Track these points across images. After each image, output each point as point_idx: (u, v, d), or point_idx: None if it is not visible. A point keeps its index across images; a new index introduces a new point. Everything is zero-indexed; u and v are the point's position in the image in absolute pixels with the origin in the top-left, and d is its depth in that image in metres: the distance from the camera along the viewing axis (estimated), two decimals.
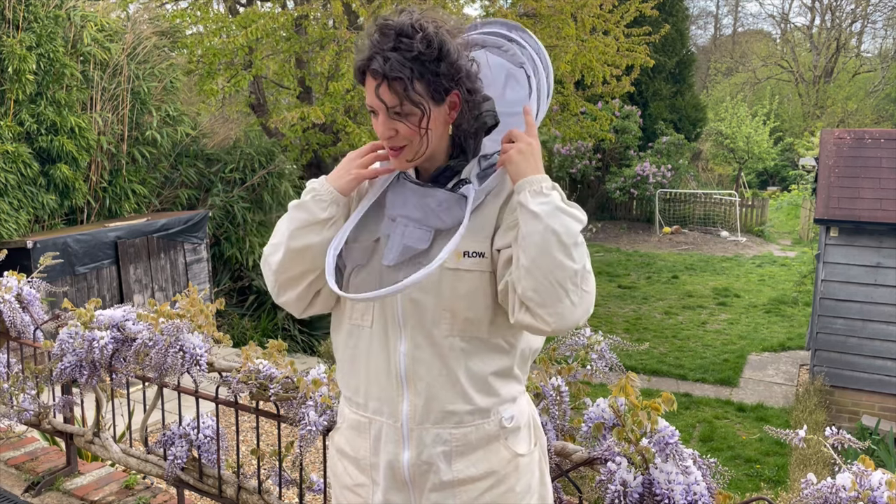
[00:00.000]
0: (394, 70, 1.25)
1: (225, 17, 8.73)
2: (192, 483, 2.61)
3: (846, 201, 6.90)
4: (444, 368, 1.38)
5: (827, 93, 28.16)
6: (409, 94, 1.26)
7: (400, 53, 1.25)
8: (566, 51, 9.16)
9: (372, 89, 1.29)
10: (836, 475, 1.49)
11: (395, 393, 1.40)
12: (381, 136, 1.33)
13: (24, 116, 6.62)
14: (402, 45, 1.25)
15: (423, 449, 1.39)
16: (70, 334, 2.68)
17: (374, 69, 1.26)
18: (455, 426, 1.39)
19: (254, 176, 8.84)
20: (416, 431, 1.39)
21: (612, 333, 2.03)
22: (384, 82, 1.26)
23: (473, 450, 1.40)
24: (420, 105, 1.28)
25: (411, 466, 1.40)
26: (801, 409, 6.69)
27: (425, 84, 1.27)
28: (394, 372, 1.39)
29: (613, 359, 1.97)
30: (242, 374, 2.28)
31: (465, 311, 1.36)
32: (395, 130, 1.31)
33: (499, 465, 1.42)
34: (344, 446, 1.50)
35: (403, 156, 1.35)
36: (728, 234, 16.88)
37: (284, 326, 8.62)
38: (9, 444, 3.56)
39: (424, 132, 1.31)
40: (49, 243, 6.09)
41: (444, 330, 1.37)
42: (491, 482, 1.42)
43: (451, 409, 1.38)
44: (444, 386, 1.38)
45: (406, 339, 1.38)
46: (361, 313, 1.42)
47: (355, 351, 1.45)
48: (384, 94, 1.27)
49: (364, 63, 1.29)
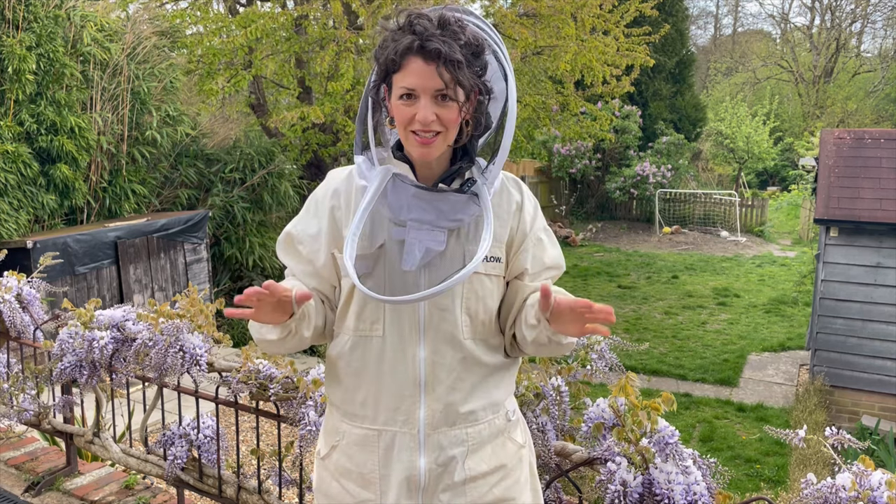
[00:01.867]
0: (453, 51, 1.26)
1: (225, 17, 8.73)
2: (192, 483, 2.61)
3: (846, 201, 6.90)
4: (463, 371, 1.39)
5: (827, 93, 28.16)
6: (461, 78, 1.27)
7: (454, 40, 1.27)
8: (566, 51, 9.16)
9: (420, 72, 1.28)
10: (836, 475, 1.49)
11: (411, 401, 1.39)
12: (422, 119, 1.29)
13: (24, 116, 6.62)
14: (452, 33, 1.28)
15: (441, 452, 1.39)
16: (70, 334, 2.68)
17: (431, 49, 1.26)
18: (471, 425, 1.41)
19: (254, 176, 8.84)
20: (434, 436, 1.39)
21: (612, 333, 2.03)
22: (440, 63, 1.26)
23: (483, 446, 1.43)
24: (468, 89, 1.30)
25: (428, 472, 1.39)
26: (801, 409, 6.69)
27: (470, 73, 1.30)
28: (411, 379, 1.38)
29: (613, 359, 1.97)
30: (242, 374, 2.28)
31: (481, 314, 1.40)
32: (436, 115, 1.30)
33: (507, 459, 1.45)
34: (346, 464, 1.45)
35: (436, 144, 1.33)
36: (728, 234, 16.88)
37: None
38: (9, 444, 3.56)
39: (463, 118, 1.33)
40: (49, 243, 6.09)
41: (464, 332, 1.39)
42: (500, 476, 1.44)
43: (468, 408, 1.40)
44: (464, 387, 1.40)
45: (426, 344, 1.38)
46: (371, 323, 1.40)
47: (363, 363, 1.42)
48: (444, 73, 1.27)
49: (415, 44, 1.27)
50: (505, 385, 1.47)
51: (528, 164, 17.74)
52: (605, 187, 17.86)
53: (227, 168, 8.81)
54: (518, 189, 1.48)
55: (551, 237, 1.52)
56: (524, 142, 11.29)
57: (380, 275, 1.37)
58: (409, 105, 1.30)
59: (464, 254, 1.36)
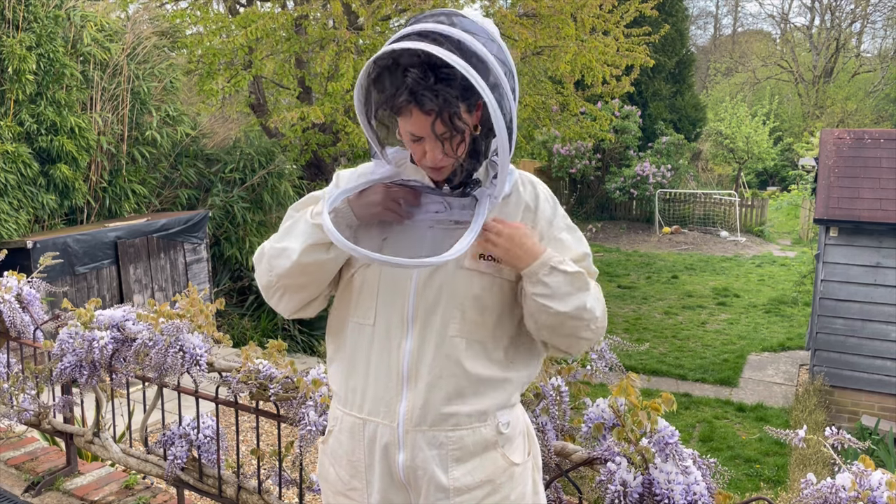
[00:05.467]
0: (448, 105, 1.26)
1: (225, 17, 8.73)
2: (192, 483, 2.61)
3: (846, 201, 6.90)
4: (446, 368, 1.39)
5: (826, 93, 28.15)
6: (456, 122, 1.29)
7: (446, 84, 1.25)
8: (566, 51, 9.16)
9: (420, 122, 1.30)
10: (835, 475, 1.49)
11: (393, 393, 1.40)
12: (433, 161, 1.34)
13: (24, 116, 6.62)
14: (445, 77, 1.25)
15: (418, 452, 1.39)
16: (70, 334, 2.68)
17: (427, 109, 1.27)
18: (452, 428, 1.39)
19: (254, 176, 8.84)
20: (412, 434, 1.39)
21: (612, 333, 2.03)
22: (435, 118, 1.28)
23: (471, 457, 1.41)
24: (465, 127, 1.32)
25: (406, 469, 1.40)
26: (801, 409, 6.69)
27: (468, 103, 1.30)
28: (395, 370, 1.40)
29: (613, 359, 1.97)
30: (242, 374, 2.28)
31: (474, 313, 1.39)
32: (444, 153, 1.33)
33: (495, 474, 1.42)
34: (337, 449, 1.49)
35: (445, 172, 1.39)
36: (728, 234, 16.88)
37: (284, 326, 8.62)
38: (9, 444, 3.56)
39: (465, 149, 1.35)
40: (49, 243, 6.09)
41: (452, 329, 1.39)
42: (487, 491, 1.42)
43: (449, 410, 1.39)
44: (445, 386, 1.38)
45: (413, 336, 1.39)
46: (365, 311, 1.43)
47: (355, 350, 1.45)
48: (438, 127, 1.29)
49: (410, 104, 1.27)
50: (496, 395, 1.42)
51: (528, 164, 17.74)
52: (604, 187, 17.85)
53: (227, 168, 8.81)
54: (532, 189, 1.48)
55: (575, 234, 1.49)
56: (524, 142, 11.29)
57: (375, 268, 1.42)
58: (419, 144, 1.34)
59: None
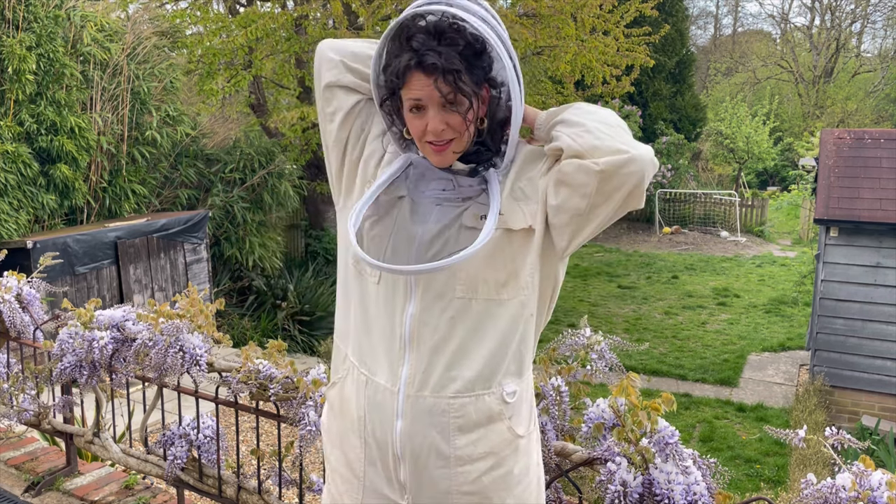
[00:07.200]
0: (451, 63, 1.27)
1: (225, 17, 8.73)
2: (192, 483, 2.61)
3: (846, 201, 6.90)
4: (450, 331, 1.35)
5: (827, 93, 28.15)
6: (462, 85, 1.29)
7: (450, 48, 1.28)
8: (566, 51, 9.16)
9: (423, 85, 1.30)
10: (836, 475, 1.49)
11: (397, 355, 1.37)
12: (433, 130, 1.33)
13: (24, 116, 6.62)
14: (450, 40, 1.28)
15: (418, 419, 1.35)
16: (70, 334, 2.68)
17: (429, 65, 1.28)
18: (454, 395, 1.35)
19: (254, 176, 8.85)
20: (413, 399, 1.35)
21: (612, 333, 2.03)
22: (440, 75, 1.28)
23: (475, 426, 1.36)
24: (470, 95, 1.31)
25: (402, 436, 1.36)
26: (801, 410, 6.69)
27: (472, 76, 1.31)
28: (398, 334, 1.37)
29: (613, 359, 1.97)
30: (242, 375, 2.27)
31: (481, 273, 1.35)
32: (446, 123, 1.32)
33: (499, 447, 1.39)
34: (339, 404, 1.47)
35: (450, 149, 1.36)
36: (728, 234, 16.88)
37: (284, 326, 8.62)
38: (9, 444, 3.56)
39: (471, 123, 1.34)
40: (49, 243, 6.09)
41: (457, 291, 1.35)
42: (490, 463, 1.38)
43: (451, 374, 1.35)
44: (449, 350, 1.35)
45: (416, 300, 1.36)
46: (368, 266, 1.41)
47: (364, 305, 1.43)
48: (441, 86, 1.29)
49: (413, 62, 1.29)
50: (502, 357, 1.38)
51: None
52: None
53: (227, 168, 8.81)
54: (524, 144, 1.47)
55: None
56: None
57: (388, 225, 1.40)
58: (420, 117, 1.34)
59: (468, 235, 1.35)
